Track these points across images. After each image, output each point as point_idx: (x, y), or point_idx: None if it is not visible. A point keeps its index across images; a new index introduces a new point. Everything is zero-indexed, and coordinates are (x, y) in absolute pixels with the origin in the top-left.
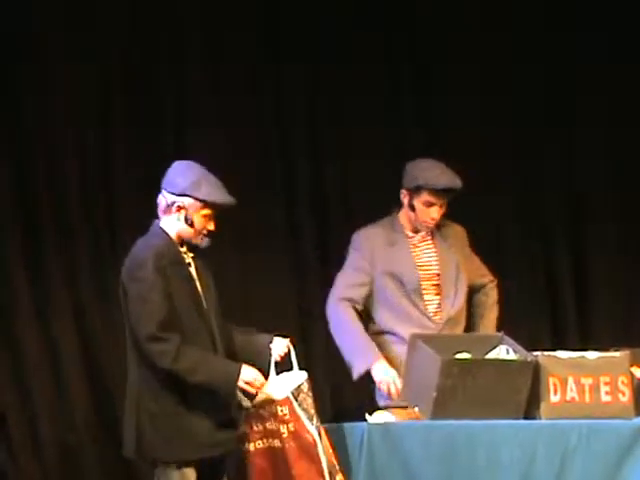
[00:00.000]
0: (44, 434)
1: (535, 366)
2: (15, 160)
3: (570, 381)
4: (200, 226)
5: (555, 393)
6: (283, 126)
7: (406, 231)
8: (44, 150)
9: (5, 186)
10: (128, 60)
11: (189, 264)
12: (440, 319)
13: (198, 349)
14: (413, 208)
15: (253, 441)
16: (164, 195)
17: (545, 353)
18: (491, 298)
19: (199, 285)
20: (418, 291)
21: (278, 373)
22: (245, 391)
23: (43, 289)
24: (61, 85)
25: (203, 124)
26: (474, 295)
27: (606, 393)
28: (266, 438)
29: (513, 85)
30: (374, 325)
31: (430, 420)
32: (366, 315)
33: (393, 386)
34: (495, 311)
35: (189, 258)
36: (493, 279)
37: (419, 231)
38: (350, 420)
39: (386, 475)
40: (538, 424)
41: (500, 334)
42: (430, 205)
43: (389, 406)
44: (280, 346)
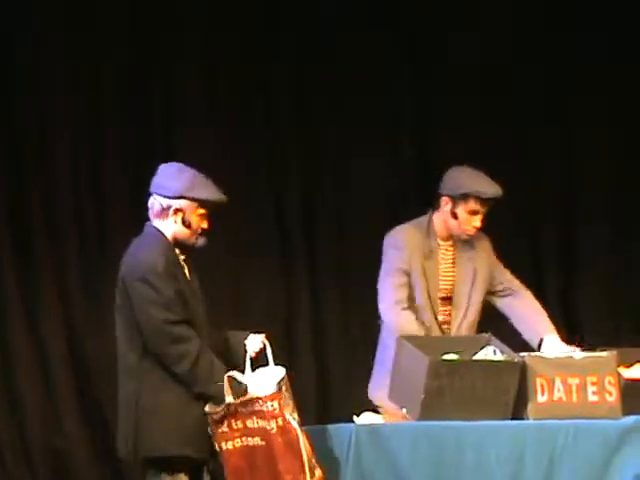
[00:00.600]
0: (32, 438)
1: (522, 367)
2: (5, 160)
3: (557, 381)
4: (196, 226)
5: (542, 393)
6: (274, 126)
7: (438, 239)
8: (33, 150)
9: None
10: (119, 60)
11: (183, 267)
12: (448, 329)
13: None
14: (455, 216)
15: (231, 439)
16: (156, 199)
17: (532, 354)
18: (527, 299)
19: (193, 288)
20: (435, 299)
21: (254, 369)
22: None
23: (32, 290)
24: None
25: (192, 124)
26: (502, 299)
27: (593, 393)
28: (245, 436)
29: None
30: None
31: (418, 421)
32: None
33: None
34: (542, 311)
35: (181, 260)
36: (523, 287)
37: (450, 238)
38: (337, 421)
39: (374, 476)
40: (526, 425)
41: (487, 335)
42: (475, 213)
43: None
44: (255, 342)
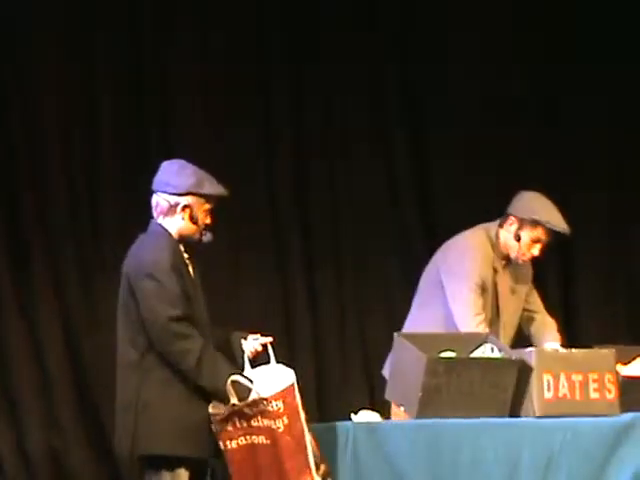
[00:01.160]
0: (30, 439)
1: (522, 364)
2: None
3: (562, 378)
4: (202, 222)
5: (549, 390)
6: (271, 125)
7: (501, 260)
8: (29, 150)
9: None
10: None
11: (187, 265)
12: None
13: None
14: (519, 238)
15: (235, 438)
16: (162, 197)
17: (539, 348)
18: (549, 327)
19: (197, 286)
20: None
21: (254, 367)
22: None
23: (28, 290)
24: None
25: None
26: (530, 326)
27: (594, 390)
28: (250, 435)
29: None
30: None
31: (415, 419)
32: None
33: None
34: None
35: (186, 259)
36: (543, 308)
37: (504, 259)
38: (335, 418)
39: (371, 474)
40: (524, 423)
41: (485, 333)
42: (538, 242)
43: None
44: (252, 343)
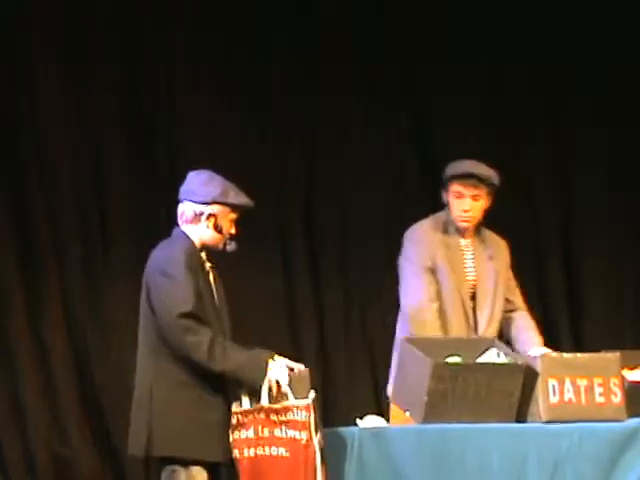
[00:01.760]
0: (35, 444)
1: (528, 368)
2: (7, 160)
3: (567, 382)
4: (226, 231)
5: (554, 394)
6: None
7: (458, 236)
8: (35, 153)
9: None
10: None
11: (208, 272)
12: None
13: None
14: (449, 205)
15: (254, 447)
16: (188, 205)
17: (543, 353)
18: (523, 322)
19: (216, 295)
20: (465, 294)
21: None
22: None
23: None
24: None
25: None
26: (509, 330)
27: (600, 394)
28: (270, 445)
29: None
30: None
31: (421, 424)
32: None
33: None
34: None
35: (208, 267)
36: (524, 307)
37: (468, 236)
38: (340, 422)
39: (377, 479)
40: (530, 428)
41: (491, 337)
42: (460, 196)
43: None
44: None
